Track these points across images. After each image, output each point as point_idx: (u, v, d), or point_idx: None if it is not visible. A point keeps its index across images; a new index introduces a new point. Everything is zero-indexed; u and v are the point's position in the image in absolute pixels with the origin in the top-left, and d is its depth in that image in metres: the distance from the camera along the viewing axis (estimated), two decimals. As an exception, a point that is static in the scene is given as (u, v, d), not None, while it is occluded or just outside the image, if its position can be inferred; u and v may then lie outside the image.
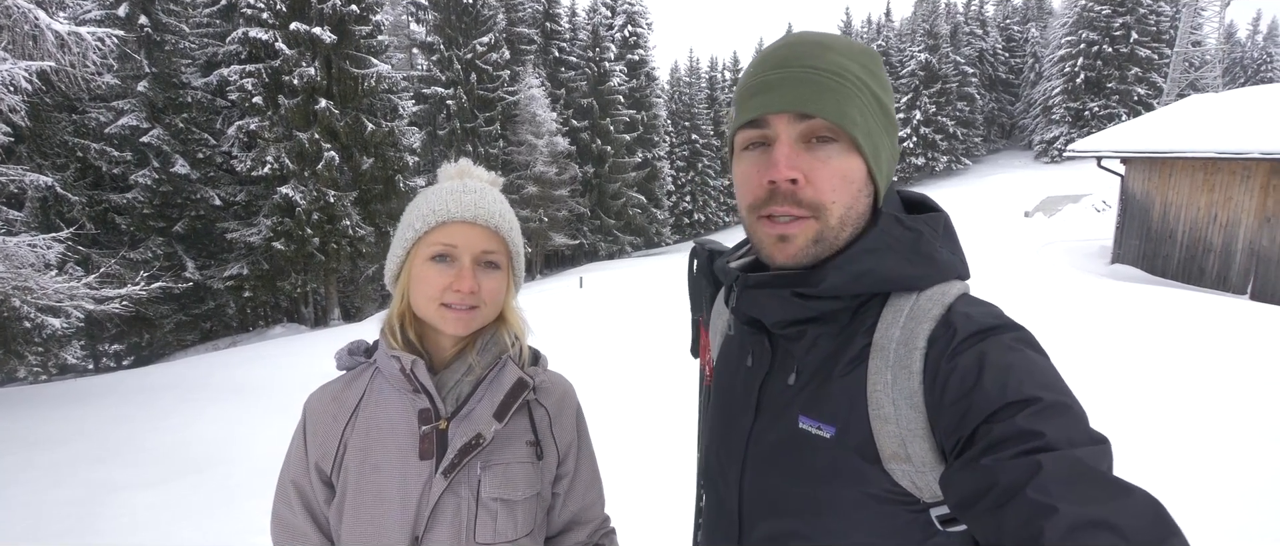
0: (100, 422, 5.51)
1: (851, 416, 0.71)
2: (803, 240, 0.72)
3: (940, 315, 0.70)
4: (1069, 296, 7.91)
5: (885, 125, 0.76)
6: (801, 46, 0.74)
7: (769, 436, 0.80)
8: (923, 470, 0.67)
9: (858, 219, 0.74)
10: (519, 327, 1.04)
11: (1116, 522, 0.49)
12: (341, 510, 0.94)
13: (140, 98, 14.84)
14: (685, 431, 1.97)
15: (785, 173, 0.70)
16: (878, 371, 0.70)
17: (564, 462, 1.06)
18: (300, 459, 0.98)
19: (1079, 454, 0.55)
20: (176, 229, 15.35)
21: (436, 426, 0.94)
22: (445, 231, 0.95)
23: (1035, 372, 0.62)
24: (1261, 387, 4.61)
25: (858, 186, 0.73)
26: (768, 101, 0.72)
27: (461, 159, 1.08)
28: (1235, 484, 3.37)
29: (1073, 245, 14.84)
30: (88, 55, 7.40)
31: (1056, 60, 39.82)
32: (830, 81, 0.70)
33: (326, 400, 0.99)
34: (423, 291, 0.95)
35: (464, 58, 25.33)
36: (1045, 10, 50.17)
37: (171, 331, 16.01)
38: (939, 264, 0.74)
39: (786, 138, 0.72)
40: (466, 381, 0.98)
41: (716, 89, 45.48)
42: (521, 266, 1.06)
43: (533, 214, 25.93)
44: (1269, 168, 9.76)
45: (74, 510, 3.79)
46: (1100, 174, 14.45)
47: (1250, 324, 6.27)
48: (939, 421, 0.66)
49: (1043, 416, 0.58)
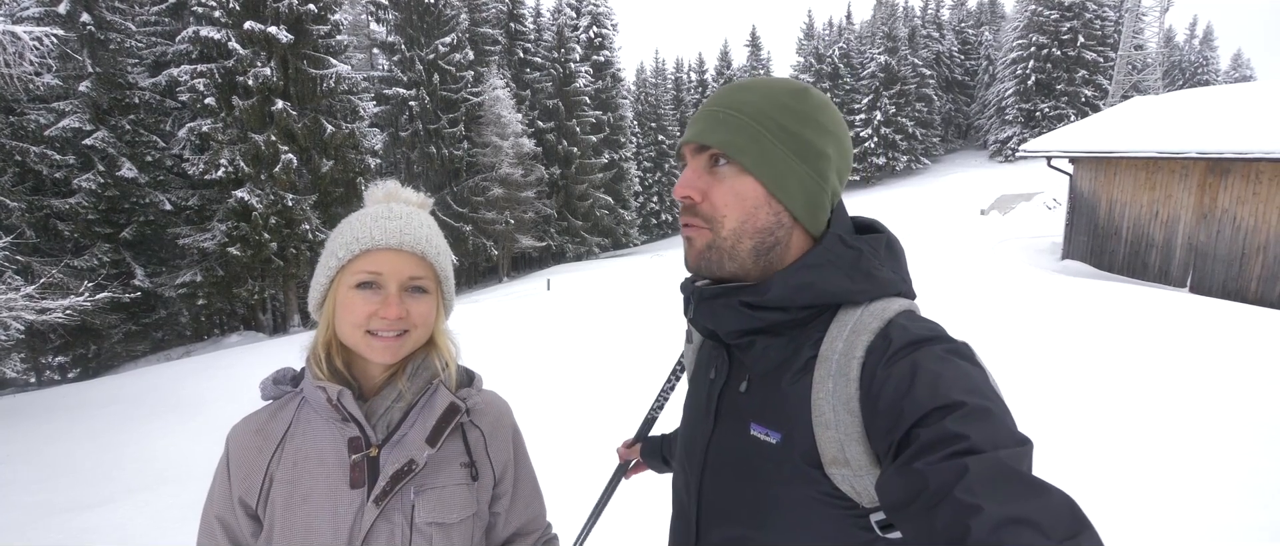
0: (37, 440, 5.27)
1: (796, 423, 0.76)
2: (699, 244, 0.83)
3: (879, 328, 0.75)
4: (1023, 292, 8.17)
5: (795, 151, 0.81)
6: (725, 90, 0.85)
7: (726, 444, 0.85)
8: (860, 474, 0.72)
9: (758, 232, 0.81)
10: (449, 352, 1.03)
11: (1036, 519, 0.53)
12: (270, 542, 0.91)
13: (83, 98, 14.22)
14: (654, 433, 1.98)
15: (680, 191, 0.83)
16: (821, 380, 0.75)
17: (501, 482, 1.06)
18: (224, 493, 0.95)
19: (1002, 456, 0.58)
20: (124, 235, 14.74)
21: (367, 454, 0.93)
22: (370, 259, 0.93)
23: (962, 379, 0.66)
24: (1201, 376, 4.83)
25: (753, 203, 0.81)
26: (686, 133, 0.85)
27: (389, 181, 1.06)
28: (1178, 467, 3.53)
29: (1026, 242, 15.33)
30: (25, 55, 7.09)
31: (1009, 63, 41.07)
32: (727, 116, 0.81)
33: (250, 432, 0.97)
34: (348, 319, 0.93)
35: (426, 58, 24.93)
36: (998, 14, 51.75)
37: (120, 342, 15.37)
38: (878, 281, 0.79)
39: (693, 163, 0.84)
40: (397, 408, 0.97)
41: (682, 90, 45.74)
42: (451, 290, 1.04)
43: (499, 216, 25.68)
44: (1205, 167, 10.23)
45: (12, 535, 3.62)
46: (1051, 173, 15.00)
47: (1190, 316, 6.57)
48: (873, 426, 0.70)
49: (968, 420, 0.61)
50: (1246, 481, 3.36)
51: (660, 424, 1.53)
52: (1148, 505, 3.19)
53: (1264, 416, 4.08)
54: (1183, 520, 3.06)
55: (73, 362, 15.34)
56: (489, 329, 8.56)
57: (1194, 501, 3.22)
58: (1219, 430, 3.97)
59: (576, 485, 2.80)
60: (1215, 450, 3.73)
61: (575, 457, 3.83)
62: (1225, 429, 3.98)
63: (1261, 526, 2.97)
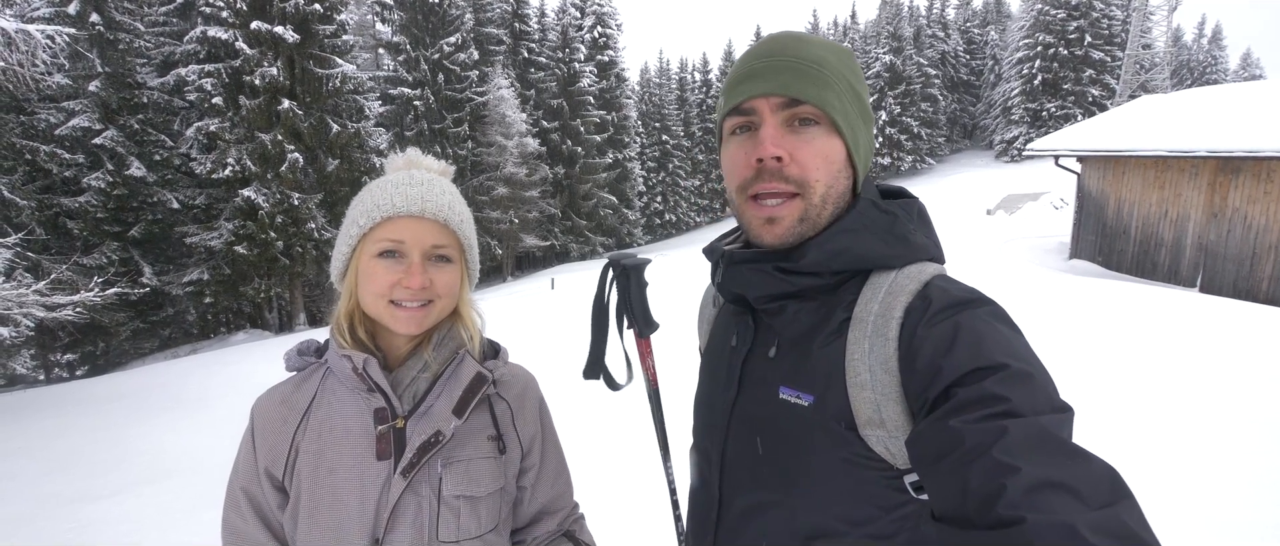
0: (46, 435, 5.30)
1: (830, 385, 0.75)
2: (789, 220, 0.77)
3: (917, 289, 0.74)
4: (1031, 292, 8.13)
5: (862, 114, 0.81)
6: (785, 40, 0.80)
7: (750, 409, 0.83)
8: (896, 435, 0.70)
9: (838, 198, 0.79)
10: (473, 324, 1.01)
11: (1074, 485, 0.51)
12: (296, 515, 0.91)
13: (93, 98, 14.30)
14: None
15: (771, 150, 0.75)
16: (856, 341, 0.74)
17: (529, 456, 1.04)
18: (250, 464, 0.94)
19: (1043, 421, 0.57)
20: (133, 233, 14.81)
21: (393, 425, 0.92)
22: (392, 226, 0.91)
23: (1004, 342, 0.65)
24: (1211, 376, 4.80)
25: (838, 167, 0.78)
26: (755, 87, 0.77)
27: (410, 148, 1.03)
28: (1189, 466, 3.50)
29: (1033, 242, 15.26)
30: (37, 54, 7.12)
31: (1015, 62, 40.91)
32: (811, 70, 0.76)
33: (275, 403, 0.95)
34: (371, 288, 0.91)
35: (431, 58, 25.00)
36: (1004, 14, 51.55)
37: (128, 339, 15.45)
38: (912, 245, 0.79)
39: (772, 120, 0.77)
40: (423, 378, 0.95)
41: (686, 90, 45.70)
42: (475, 258, 1.03)
43: (503, 215, 25.72)
44: (1215, 165, 10.17)
45: (22, 526, 3.64)
46: (1058, 172, 14.91)
47: (1200, 315, 6.53)
48: (911, 384, 0.69)
49: (1009, 382, 0.60)
50: (1257, 480, 3.33)
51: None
52: (1159, 504, 3.17)
53: (1275, 416, 4.05)
54: (1194, 519, 3.04)
55: (81, 360, 15.43)
56: (493, 327, 8.56)
57: (1205, 500, 3.20)
58: (1229, 430, 3.94)
59: (583, 482, 2.79)
60: (1226, 450, 3.70)
61: (577, 456, 3.83)
62: (1235, 428, 3.95)
63: (1275, 526, 2.95)
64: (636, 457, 3.79)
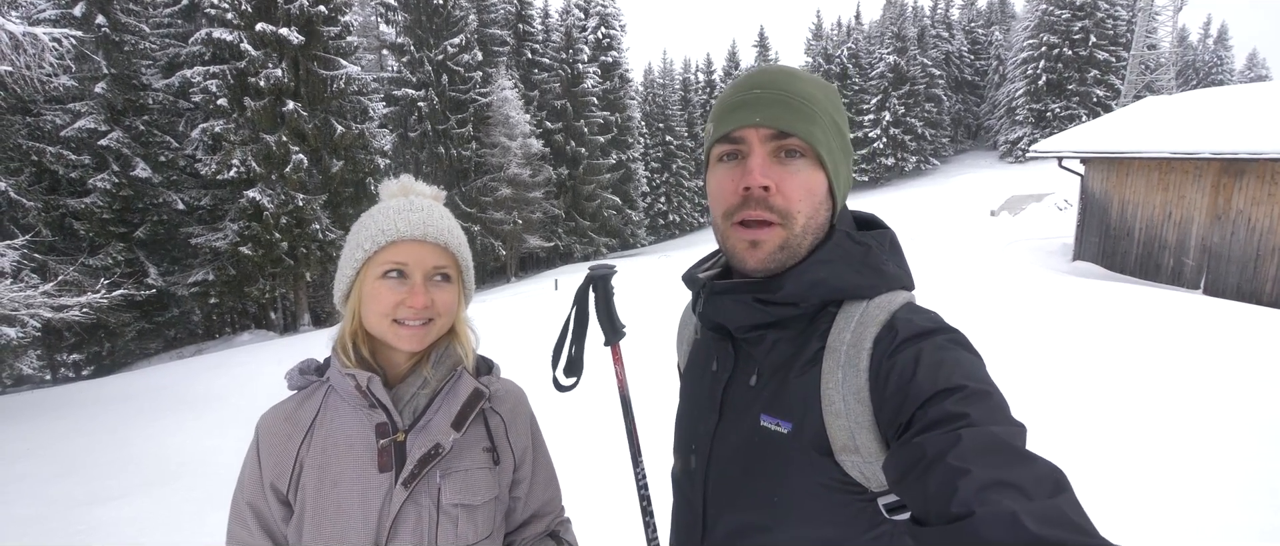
0: (53, 436, 5.34)
1: (806, 412, 0.78)
2: (771, 245, 0.80)
3: (885, 320, 0.77)
4: (1034, 293, 8.12)
5: (843, 149, 0.84)
6: (776, 74, 0.83)
7: (732, 435, 0.86)
8: (869, 460, 0.74)
9: (818, 229, 0.82)
10: (468, 341, 1.07)
11: (1021, 483, 0.56)
12: (301, 526, 0.94)
13: (98, 100, 14.39)
14: (651, 429, 2.00)
15: (759, 179, 0.78)
16: (830, 371, 0.77)
17: (521, 467, 1.09)
18: (255, 479, 0.98)
19: (995, 430, 0.62)
20: (138, 234, 14.90)
21: (394, 439, 0.96)
22: (395, 250, 0.97)
23: (962, 366, 0.70)
24: (1214, 378, 4.79)
25: (819, 199, 0.81)
26: (745, 117, 0.80)
27: (403, 175, 1.10)
28: (1192, 469, 3.51)
29: (1036, 243, 15.22)
30: (44, 56, 7.17)
31: (1019, 63, 40.78)
32: (800, 105, 0.80)
33: (280, 420, 1.00)
34: (375, 308, 0.96)
35: (435, 59, 25.06)
36: (1008, 14, 51.38)
37: (134, 340, 15.54)
38: (885, 275, 0.83)
39: (761, 151, 0.80)
40: (422, 394, 1.00)
41: (690, 91, 45.71)
42: (471, 279, 1.09)
43: (507, 216, 25.77)
44: (1219, 167, 10.13)
45: (31, 528, 3.67)
46: (1062, 173, 14.88)
47: (1203, 318, 6.51)
48: (882, 412, 0.73)
49: (967, 401, 0.65)
50: (1260, 483, 3.33)
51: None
52: (1161, 505, 3.17)
53: (1276, 418, 4.05)
54: (1196, 521, 3.05)
55: (87, 360, 15.52)
56: (497, 328, 8.59)
57: (1206, 502, 3.20)
58: (1232, 432, 3.94)
59: (582, 480, 2.83)
60: (1229, 452, 3.70)
61: (578, 455, 3.86)
62: (1238, 431, 3.95)
63: (1276, 529, 2.95)
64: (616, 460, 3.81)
